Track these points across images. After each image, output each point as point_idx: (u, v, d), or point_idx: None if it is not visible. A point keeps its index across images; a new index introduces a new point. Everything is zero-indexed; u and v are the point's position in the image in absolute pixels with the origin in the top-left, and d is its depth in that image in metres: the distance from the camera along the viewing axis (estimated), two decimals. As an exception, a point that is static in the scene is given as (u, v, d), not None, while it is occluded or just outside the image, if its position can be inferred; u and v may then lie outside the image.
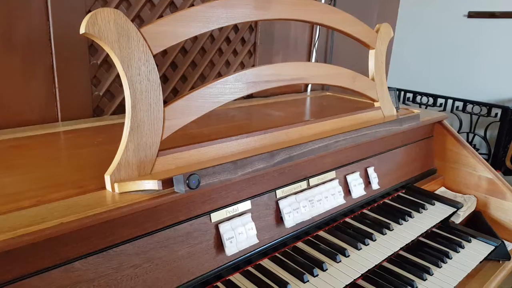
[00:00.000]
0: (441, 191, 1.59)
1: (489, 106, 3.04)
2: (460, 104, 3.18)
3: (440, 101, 3.27)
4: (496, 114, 3.03)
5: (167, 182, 0.76)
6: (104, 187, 0.78)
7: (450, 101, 3.23)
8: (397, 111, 1.44)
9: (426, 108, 3.31)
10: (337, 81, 1.23)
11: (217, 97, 0.93)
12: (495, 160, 3.09)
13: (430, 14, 3.70)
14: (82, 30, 0.72)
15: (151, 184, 0.76)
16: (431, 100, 3.33)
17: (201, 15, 0.89)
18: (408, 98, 3.47)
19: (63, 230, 0.65)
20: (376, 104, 1.37)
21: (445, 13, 3.61)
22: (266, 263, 1.00)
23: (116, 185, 0.76)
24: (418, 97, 3.42)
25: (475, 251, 1.24)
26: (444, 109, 3.24)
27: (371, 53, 1.34)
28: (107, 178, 0.76)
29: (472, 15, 3.48)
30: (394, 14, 2.62)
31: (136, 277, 0.77)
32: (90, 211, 0.68)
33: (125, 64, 0.77)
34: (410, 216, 1.28)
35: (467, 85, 3.54)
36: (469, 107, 3.14)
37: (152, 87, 0.81)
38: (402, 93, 3.46)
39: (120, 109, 1.42)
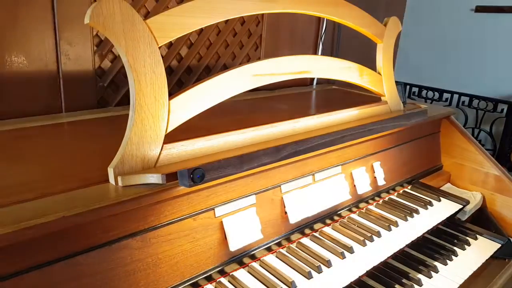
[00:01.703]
0: (447, 187, 1.57)
1: (495, 102, 3.00)
2: (466, 99, 3.15)
3: (446, 95, 3.24)
4: (502, 109, 3.00)
5: (171, 176, 0.75)
6: (107, 180, 0.76)
7: (456, 96, 3.20)
8: (404, 105, 1.42)
9: (431, 102, 3.28)
10: (344, 75, 1.21)
11: (223, 90, 0.92)
12: (500, 156, 3.07)
13: (437, 8, 3.65)
14: (86, 20, 0.71)
15: (155, 178, 0.74)
16: (437, 94, 3.29)
17: (208, 6, 0.87)
18: (414, 92, 3.44)
19: (65, 224, 0.65)
20: (383, 99, 1.35)
21: (452, 7, 3.56)
22: (270, 258, 0.99)
23: (119, 178, 0.75)
24: (424, 92, 3.39)
25: (482, 248, 1.23)
26: (450, 104, 3.21)
27: (379, 47, 1.32)
28: (110, 171, 0.75)
29: (479, 9, 3.43)
30: (401, 8, 2.59)
31: (139, 271, 0.76)
32: (93, 205, 0.67)
33: (130, 55, 0.75)
34: (416, 212, 1.26)
35: (473, 80, 3.50)
36: (475, 102, 3.11)
37: (157, 79, 0.79)
38: (408, 87, 3.43)
39: (125, 100, 1.40)
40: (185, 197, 0.83)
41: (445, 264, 1.12)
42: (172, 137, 0.83)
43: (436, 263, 1.12)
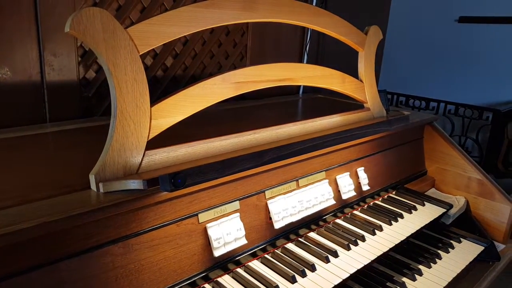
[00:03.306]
0: (431, 192, 1.59)
1: (481, 110, 3.06)
2: (452, 108, 3.20)
3: (433, 104, 3.29)
4: (488, 117, 3.05)
5: (153, 182, 0.76)
6: (89, 187, 0.77)
7: (442, 105, 3.25)
8: (387, 112, 1.44)
9: (419, 111, 3.33)
10: (326, 83, 1.23)
11: (205, 97, 0.93)
12: (487, 163, 3.11)
13: (421, 18, 3.72)
14: (67, 29, 0.72)
15: (136, 184, 0.75)
16: (423, 103, 3.34)
17: (189, 15, 0.88)
18: (401, 101, 3.49)
19: (46, 230, 0.65)
20: (366, 105, 1.37)
21: (436, 18, 3.63)
22: (255, 264, 0.99)
23: (101, 184, 0.75)
24: (411, 101, 3.44)
25: (465, 251, 1.24)
26: (437, 113, 3.25)
27: (361, 55, 1.34)
28: (91, 178, 0.76)
29: (463, 20, 3.51)
30: (385, 18, 2.64)
31: (121, 278, 0.76)
32: (74, 211, 0.68)
33: (110, 63, 0.77)
34: (401, 217, 1.28)
35: (459, 89, 3.56)
36: (461, 110, 3.16)
37: (138, 86, 0.80)
38: (395, 96, 3.48)
39: (110, 110, 1.40)
40: (168, 203, 0.84)
41: (429, 267, 1.14)
42: (155, 143, 0.84)
43: (420, 266, 1.13)
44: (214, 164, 0.82)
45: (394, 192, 1.46)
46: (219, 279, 0.93)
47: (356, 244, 1.10)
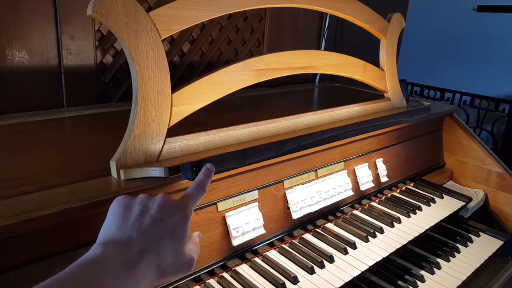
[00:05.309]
0: (450, 184, 1.57)
1: (497, 101, 3.00)
2: (467, 99, 3.14)
3: (448, 95, 3.24)
4: (504, 109, 2.99)
5: (174, 170, 0.74)
6: (109, 174, 0.76)
7: (457, 95, 3.19)
8: (407, 102, 1.41)
9: (433, 101, 3.28)
10: (347, 71, 1.20)
11: (226, 84, 0.91)
12: (502, 156, 3.06)
13: (439, 7, 3.65)
14: (89, 11, 0.70)
15: (158, 171, 0.74)
16: (438, 94, 3.29)
17: (211, -1, 0.86)
18: (416, 91, 3.44)
19: (67, 216, 0.64)
20: (386, 95, 1.34)
21: (454, 7, 3.56)
22: (273, 254, 0.99)
23: (122, 171, 0.74)
24: (426, 91, 3.39)
25: (484, 245, 1.23)
26: (452, 103, 3.20)
27: (382, 43, 1.31)
28: (112, 164, 0.75)
29: (481, 9, 3.43)
30: (405, 6, 2.58)
31: (142, 265, 0.75)
32: (95, 198, 0.67)
33: (132, 48, 0.75)
34: (419, 209, 1.26)
35: (475, 80, 3.50)
36: (476, 101, 3.11)
37: (160, 72, 0.79)
38: (410, 86, 3.43)
39: (127, 96, 1.40)
40: (188, 191, 0.83)
41: (448, 260, 1.12)
42: (175, 131, 0.83)
43: (438, 260, 1.11)
44: (235, 153, 0.81)
45: (412, 184, 1.43)
46: (237, 268, 0.92)
47: (374, 236, 1.09)
